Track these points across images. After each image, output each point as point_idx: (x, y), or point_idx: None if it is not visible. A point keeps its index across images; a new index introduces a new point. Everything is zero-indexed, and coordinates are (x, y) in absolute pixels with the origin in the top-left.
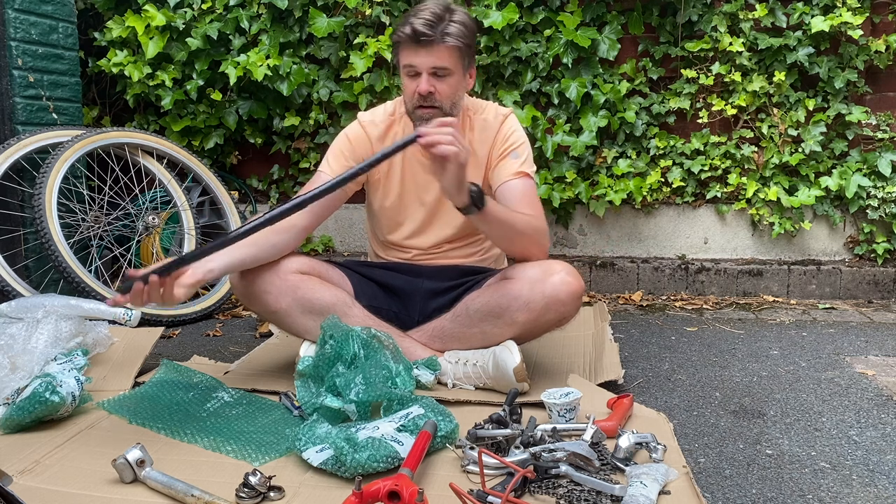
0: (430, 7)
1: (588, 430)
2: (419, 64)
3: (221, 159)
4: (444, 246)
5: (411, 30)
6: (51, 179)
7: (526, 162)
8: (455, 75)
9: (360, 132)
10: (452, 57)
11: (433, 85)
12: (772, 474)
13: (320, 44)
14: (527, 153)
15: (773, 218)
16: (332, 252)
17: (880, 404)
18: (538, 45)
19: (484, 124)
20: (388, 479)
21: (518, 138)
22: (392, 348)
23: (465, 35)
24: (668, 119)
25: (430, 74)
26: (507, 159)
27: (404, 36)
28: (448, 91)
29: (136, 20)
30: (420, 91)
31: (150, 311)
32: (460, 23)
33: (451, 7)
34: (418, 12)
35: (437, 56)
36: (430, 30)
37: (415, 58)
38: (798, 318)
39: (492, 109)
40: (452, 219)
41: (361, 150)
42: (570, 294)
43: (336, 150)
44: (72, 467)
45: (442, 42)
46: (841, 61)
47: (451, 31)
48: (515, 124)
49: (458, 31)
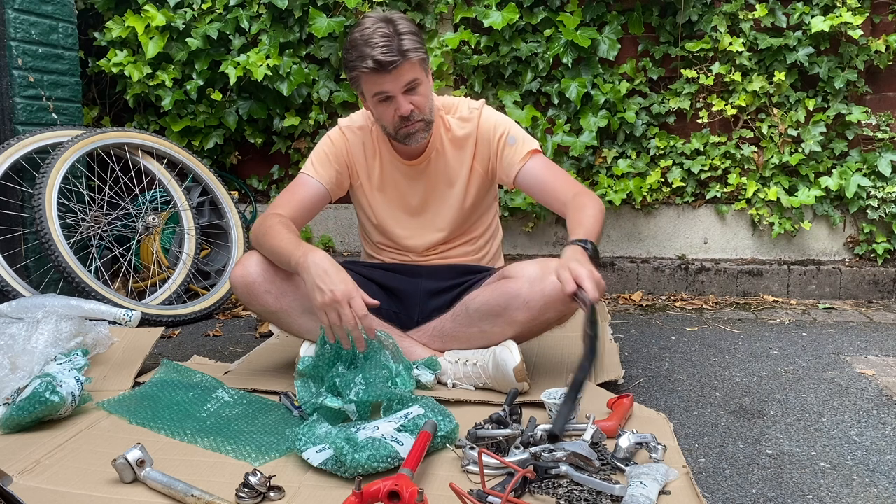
0: (376, 30)
1: (588, 430)
2: (391, 89)
3: (221, 159)
4: (438, 248)
5: (374, 62)
6: (51, 179)
7: (525, 140)
8: (423, 83)
9: (340, 136)
10: (417, 68)
11: (410, 101)
12: (772, 474)
13: (320, 44)
14: (520, 132)
15: (773, 218)
16: (332, 252)
17: (880, 404)
18: (538, 45)
19: (460, 122)
20: (388, 479)
21: (501, 123)
22: (392, 348)
23: (419, 41)
24: (668, 119)
25: (403, 94)
26: (506, 147)
27: (367, 69)
28: (424, 100)
29: (136, 20)
30: (402, 113)
31: (150, 311)
32: (409, 32)
33: (390, 18)
34: (369, 41)
35: (405, 74)
36: (391, 55)
37: (384, 84)
38: (798, 318)
39: (464, 106)
40: (441, 221)
41: (339, 151)
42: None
43: (321, 153)
44: (72, 467)
45: (406, 60)
46: (841, 61)
47: (407, 45)
48: (492, 113)
49: (413, 41)
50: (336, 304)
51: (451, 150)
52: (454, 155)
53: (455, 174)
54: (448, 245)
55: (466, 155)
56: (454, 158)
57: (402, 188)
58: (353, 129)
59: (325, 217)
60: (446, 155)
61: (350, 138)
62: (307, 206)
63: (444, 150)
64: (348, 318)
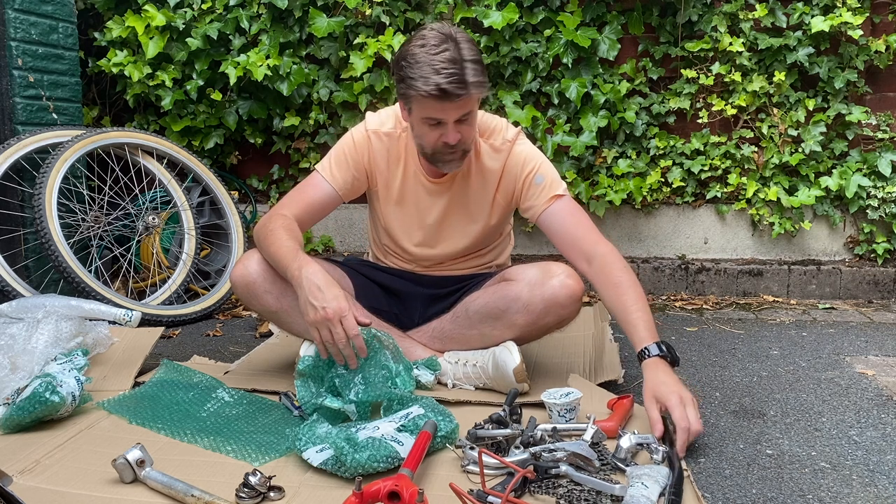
0: (442, 51)
1: (588, 430)
2: (446, 117)
3: (221, 159)
4: (445, 262)
5: (438, 90)
6: (51, 179)
7: (553, 182)
8: (475, 114)
9: (364, 140)
10: (475, 100)
11: (459, 130)
12: (772, 474)
13: (320, 44)
14: (550, 172)
15: (773, 218)
16: (332, 252)
17: (880, 404)
18: (538, 45)
19: (492, 152)
20: (388, 480)
21: (531, 159)
22: (392, 348)
23: (482, 71)
24: (668, 119)
25: (454, 122)
26: (532, 186)
27: (426, 94)
28: (471, 131)
29: (136, 20)
30: (449, 142)
31: (150, 311)
32: (473, 60)
33: (454, 37)
34: (433, 63)
35: (466, 106)
36: (459, 87)
37: (441, 113)
38: (798, 318)
39: (499, 135)
40: (453, 245)
41: (359, 156)
42: (569, 297)
43: (340, 154)
44: (72, 467)
45: (470, 94)
46: (841, 61)
47: (474, 79)
48: (528, 147)
49: (477, 72)
50: (328, 322)
51: (476, 177)
52: (479, 183)
53: (477, 204)
54: (456, 261)
55: (490, 186)
56: (478, 187)
57: (421, 204)
58: (380, 134)
59: (326, 217)
60: (471, 181)
61: (374, 144)
62: (316, 208)
63: (470, 176)
64: (339, 337)
